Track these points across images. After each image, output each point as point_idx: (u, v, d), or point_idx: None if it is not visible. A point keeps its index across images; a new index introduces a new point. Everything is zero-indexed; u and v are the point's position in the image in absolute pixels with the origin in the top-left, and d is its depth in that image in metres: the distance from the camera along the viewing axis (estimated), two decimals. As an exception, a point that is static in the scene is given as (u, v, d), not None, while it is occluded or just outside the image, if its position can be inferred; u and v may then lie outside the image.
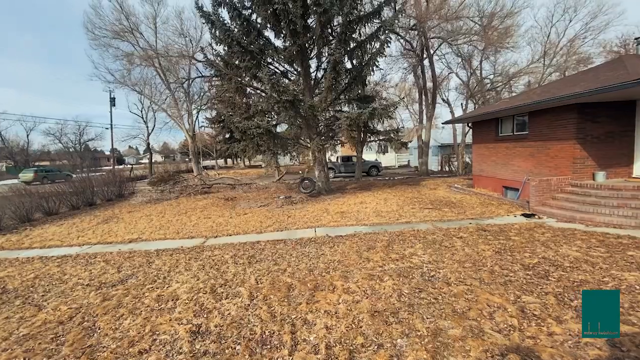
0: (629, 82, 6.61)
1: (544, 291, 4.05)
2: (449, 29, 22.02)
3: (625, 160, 8.66)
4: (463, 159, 23.35)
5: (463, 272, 4.79)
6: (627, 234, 6.07)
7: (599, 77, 8.56)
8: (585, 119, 8.51)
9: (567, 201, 8.05)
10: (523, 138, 10.70)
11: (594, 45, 26.69)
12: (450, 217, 8.63)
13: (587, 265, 4.75)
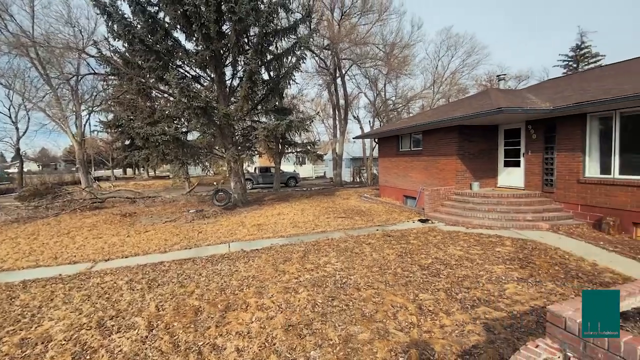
0: (492, 110, 8.22)
1: (436, 288, 4.61)
2: (358, 53, 24.14)
3: (492, 172, 10.68)
4: (371, 170, 25.48)
5: (371, 276, 5.13)
6: (495, 234, 7.43)
7: (473, 105, 10.42)
8: (464, 139, 10.23)
9: (453, 207, 9.48)
10: (419, 153, 12.26)
11: (469, 78, 32.62)
12: (361, 225, 9.24)
13: (467, 262, 5.62)
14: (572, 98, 8.16)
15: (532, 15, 50.77)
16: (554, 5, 48.17)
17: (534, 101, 8.98)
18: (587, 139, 7.97)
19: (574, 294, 4.17)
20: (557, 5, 47.71)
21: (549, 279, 4.70)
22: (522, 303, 3.99)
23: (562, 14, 46.64)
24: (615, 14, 43.19)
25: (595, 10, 45.16)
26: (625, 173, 7.27)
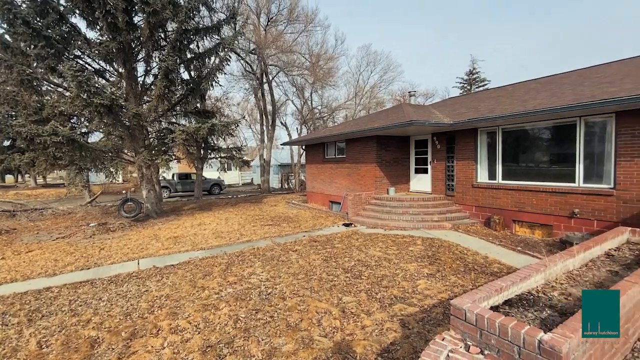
0: (404, 122, 9.07)
1: (358, 289, 4.80)
2: (285, 60, 24.34)
3: (405, 179, 11.76)
4: (299, 177, 25.74)
5: (297, 284, 5.09)
6: (408, 234, 8.15)
7: (389, 117, 11.36)
8: (381, 148, 11.07)
9: (372, 211, 10.12)
10: (343, 160, 12.82)
11: (386, 93, 35.72)
12: (288, 232, 9.18)
13: (386, 262, 6.01)
14: (466, 115, 9.53)
15: (437, 41, 58.59)
16: (452, 35, 56.47)
17: (438, 116, 10.22)
18: (479, 150, 9.37)
19: (471, 284, 4.79)
20: (454, 35, 56.06)
21: (452, 272, 5.32)
22: (432, 297, 4.42)
23: (457, 44, 55.03)
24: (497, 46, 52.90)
25: (483, 42, 54.34)
26: (506, 179, 8.76)
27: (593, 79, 8.52)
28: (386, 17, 58.22)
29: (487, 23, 55.00)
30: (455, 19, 56.31)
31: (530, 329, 1.76)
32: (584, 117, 7.18)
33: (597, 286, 2.71)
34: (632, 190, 6.40)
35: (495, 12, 53.82)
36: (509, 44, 52.88)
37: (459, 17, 56.31)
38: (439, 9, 56.93)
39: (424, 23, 58.45)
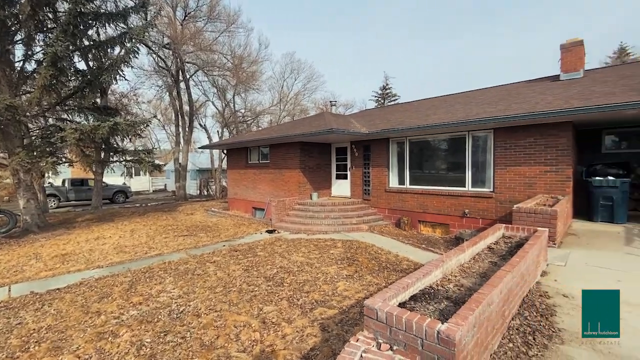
0: (325, 129, 9.41)
1: (280, 297, 4.72)
2: (204, 59, 22.97)
3: (327, 184, 12.18)
4: (220, 182, 24.46)
5: (214, 298, 4.75)
6: (330, 237, 8.41)
7: (312, 124, 11.65)
8: (304, 154, 11.26)
9: (296, 216, 10.19)
10: (266, 166, 12.64)
11: (310, 101, 36.74)
12: (206, 242, 8.58)
13: (308, 267, 6.07)
14: (380, 126, 10.37)
15: (356, 56, 62.91)
16: (369, 51, 61.43)
17: (356, 126, 10.89)
18: (390, 158, 10.28)
19: (385, 282, 5.16)
20: (371, 51, 61.08)
21: (368, 272, 5.66)
22: (350, 298, 4.61)
23: (374, 60, 60.15)
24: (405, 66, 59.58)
25: (395, 60, 60.47)
26: (413, 184, 9.78)
27: (477, 100, 10.17)
28: (309, 27, 60.19)
29: (397, 45, 61.37)
30: (370, 37, 61.36)
31: (431, 321, 1.94)
32: (471, 132, 8.50)
33: (482, 276, 3.17)
34: (505, 193, 7.80)
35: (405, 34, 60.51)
36: (418, 62, 59.97)
37: (373, 38, 61.54)
38: (357, 25, 61.31)
39: (344, 37, 62.24)
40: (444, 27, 56.70)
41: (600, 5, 43.63)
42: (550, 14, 47.95)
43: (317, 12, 57.70)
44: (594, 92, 7.31)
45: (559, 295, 3.55)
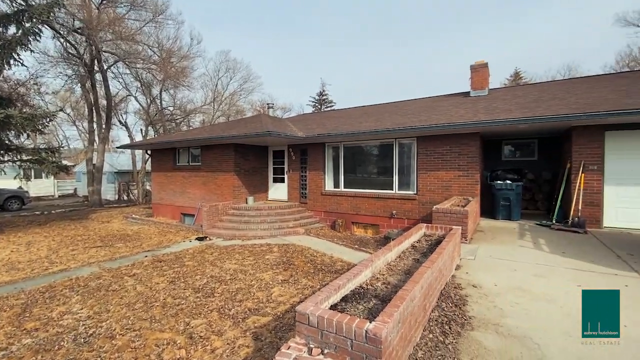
0: (262, 132, 9.23)
1: (209, 309, 4.43)
2: (126, 49, 20.69)
3: (264, 187, 11.95)
4: (143, 186, 22.26)
5: (133, 315, 4.26)
6: (266, 242, 8.24)
7: (248, 126, 11.32)
8: (240, 156, 10.88)
9: (230, 222, 9.76)
10: (197, 168, 11.87)
11: (246, 102, 35.74)
12: (124, 253, 7.68)
13: (241, 274, 5.84)
14: (316, 130, 10.57)
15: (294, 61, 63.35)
16: (307, 56, 62.47)
17: (293, 129, 10.92)
18: (326, 162, 10.54)
19: (319, 284, 5.22)
20: (310, 57, 62.16)
21: (303, 275, 5.67)
22: (285, 303, 4.55)
23: (312, 65, 61.32)
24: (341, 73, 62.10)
25: (332, 67, 62.50)
26: (347, 187, 10.17)
27: (404, 110, 11.05)
28: (247, 28, 58.76)
29: (334, 52, 63.62)
30: (309, 42, 62.53)
31: (360, 321, 2.00)
32: (398, 139, 9.18)
33: (406, 273, 3.41)
34: (426, 195, 8.58)
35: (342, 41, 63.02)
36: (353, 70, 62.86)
37: (312, 44, 62.86)
38: (297, 30, 61.88)
39: (282, 40, 62.21)
40: (381, 38, 60.59)
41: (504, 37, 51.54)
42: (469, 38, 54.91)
43: (255, 13, 56.74)
44: (496, 108, 8.52)
45: (469, 286, 4.00)
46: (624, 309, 3.18)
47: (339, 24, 59.66)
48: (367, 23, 59.31)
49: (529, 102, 8.47)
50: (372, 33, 59.50)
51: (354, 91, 56.70)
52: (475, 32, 54.12)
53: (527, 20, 48.72)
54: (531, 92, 9.93)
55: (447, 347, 2.61)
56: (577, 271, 4.34)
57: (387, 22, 58.63)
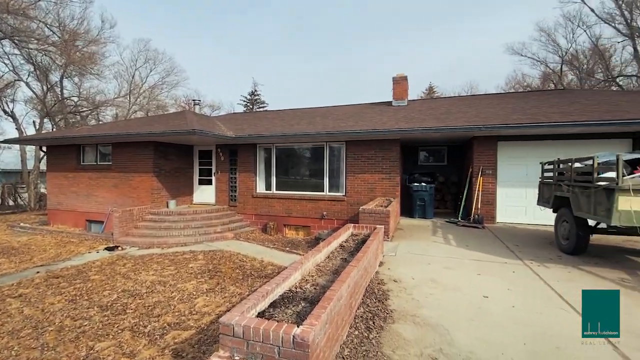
0: (187, 130, 8.58)
1: (120, 328, 3.92)
2: (14, 25, 17.19)
3: (188, 190, 11.12)
4: (37, 189, 18.78)
5: (17, 345, 3.52)
6: (190, 250, 7.65)
7: (170, 123, 10.40)
8: (160, 156, 9.93)
9: (147, 228, 8.82)
10: (107, 168, 10.47)
11: (169, 97, 32.82)
12: (8, 269, 6.35)
13: (160, 286, 5.31)
14: (247, 131, 10.27)
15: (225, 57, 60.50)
16: (240, 54, 60.28)
17: (222, 128, 10.40)
18: (258, 164, 10.31)
19: (248, 290, 5.05)
20: (242, 55, 60.07)
21: (231, 283, 5.42)
22: (210, 313, 4.27)
23: (245, 64, 59.37)
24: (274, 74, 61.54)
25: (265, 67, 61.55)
26: (279, 189, 10.09)
27: (334, 115, 11.45)
28: (171, 18, 54.10)
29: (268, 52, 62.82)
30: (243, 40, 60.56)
31: (287, 326, 1.97)
32: (329, 143, 9.47)
33: (334, 273, 3.50)
34: (354, 197, 9.02)
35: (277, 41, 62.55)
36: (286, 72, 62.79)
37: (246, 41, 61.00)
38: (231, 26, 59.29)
39: (212, 35, 58.95)
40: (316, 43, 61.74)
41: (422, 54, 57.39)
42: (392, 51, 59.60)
43: (181, 2, 52.58)
44: (414, 118, 9.40)
45: (391, 281, 4.30)
46: (510, 290, 3.78)
47: (272, 25, 59.18)
48: (301, 25, 60.11)
49: (440, 114, 9.56)
50: (306, 35, 60.46)
51: (287, 94, 56.78)
52: (396, 47, 59.15)
53: (438, 43, 55.28)
54: (442, 105, 11.23)
55: (371, 342, 2.75)
56: (478, 262, 5.02)
57: (320, 26, 60.25)
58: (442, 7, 51.56)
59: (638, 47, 17.84)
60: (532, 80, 26.53)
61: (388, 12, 55.56)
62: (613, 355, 2.49)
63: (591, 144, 7.40)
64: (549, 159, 6.26)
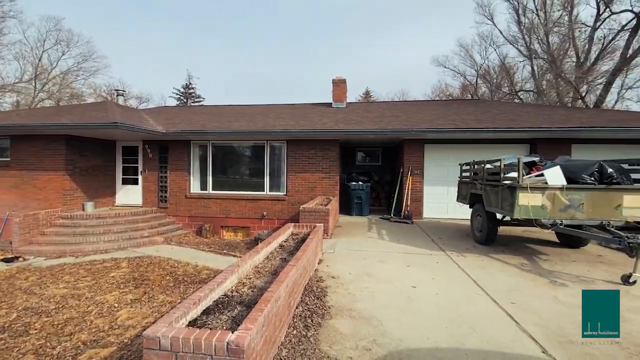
0: (108, 123, 7.68)
1: (21, 353, 3.35)
2: None
3: (110, 190, 9.95)
4: None
5: None
6: (111, 257, 6.85)
7: (87, 114, 9.18)
8: (74, 152, 8.71)
9: (58, 235, 7.67)
10: (5, 166, 8.83)
11: (87, 85, 28.89)
12: None
13: (73, 300, 4.66)
14: (180, 126, 9.57)
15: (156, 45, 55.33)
16: (171, 43, 55.72)
17: (150, 123, 9.53)
18: (192, 162, 9.68)
19: (180, 298, 4.71)
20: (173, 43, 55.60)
21: (161, 291, 5.00)
22: (134, 326, 3.88)
23: (176, 53, 55.06)
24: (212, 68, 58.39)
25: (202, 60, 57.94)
26: (216, 189, 9.63)
27: (275, 113, 11.32)
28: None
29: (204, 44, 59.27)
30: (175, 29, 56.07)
31: (221, 333, 1.88)
32: (270, 141, 9.33)
33: (273, 274, 3.46)
34: (295, 196, 9.04)
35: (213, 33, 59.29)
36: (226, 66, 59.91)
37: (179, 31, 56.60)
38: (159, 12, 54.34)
39: (142, 20, 53.40)
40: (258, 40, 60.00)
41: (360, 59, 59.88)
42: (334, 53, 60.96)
43: (100, -22, 46.55)
44: (352, 120, 9.78)
45: (329, 278, 4.41)
46: (434, 279, 4.17)
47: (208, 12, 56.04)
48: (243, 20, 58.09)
49: (376, 117, 10.11)
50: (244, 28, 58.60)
51: (226, 91, 54.35)
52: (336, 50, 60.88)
53: (375, 51, 58.49)
54: (377, 109, 11.89)
55: (309, 340, 2.78)
56: (407, 254, 5.44)
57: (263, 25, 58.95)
58: (381, 18, 54.72)
59: (535, 67, 21.17)
60: (454, 90, 29.67)
61: (329, 15, 56.93)
62: (515, 330, 2.91)
63: (499, 148, 8.54)
64: (466, 161, 7.05)
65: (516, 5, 20.62)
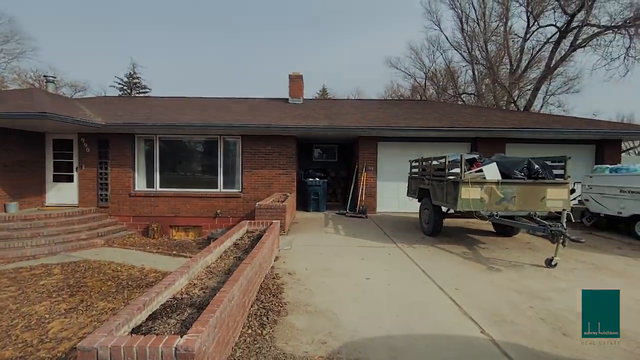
0: (33, 113, 6.80)
1: None
2: None
3: (38, 189, 8.84)
4: None
5: None
6: (40, 263, 6.11)
7: (10, 103, 8.03)
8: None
9: (-28, 241, 6.64)
10: None
11: (9, 70, 25.21)
12: None
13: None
14: (123, 118, 8.81)
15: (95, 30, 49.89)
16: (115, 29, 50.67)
17: (87, 114, 8.63)
18: (137, 157, 8.98)
19: (123, 304, 4.36)
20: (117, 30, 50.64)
21: (101, 298, 4.58)
22: (69, 338, 3.51)
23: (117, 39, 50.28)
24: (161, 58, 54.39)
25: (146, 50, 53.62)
26: (164, 186, 9.04)
27: (230, 107, 10.92)
28: (6, -37, 41.35)
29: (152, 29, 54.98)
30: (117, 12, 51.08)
31: (169, 338, 1.77)
32: (224, 136, 8.99)
33: (227, 273, 3.34)
34: (251, 193, 8.84)
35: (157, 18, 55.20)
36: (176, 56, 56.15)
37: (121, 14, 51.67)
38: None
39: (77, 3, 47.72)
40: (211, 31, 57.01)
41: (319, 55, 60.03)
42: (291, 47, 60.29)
43: (22, -53, 40.71)
44: (309, 116, 9.79)
45: (286, 274, 4.39)
46: (387, 270, 4.36)
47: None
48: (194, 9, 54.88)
49: (333, 114, 10.23)
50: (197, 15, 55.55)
51: (176, 82, 51.14)
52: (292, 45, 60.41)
53: (333, 50, 59.13)
54: (334, 105, 12.04)
55: (264, 338, 2.74)
56: (362, 248, 5.61)
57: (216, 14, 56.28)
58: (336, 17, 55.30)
59: (475, 72, 23.01)
60: (405, 91, 31.11)
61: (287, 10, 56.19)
62: (458, 314, 3.15)
63: (445, 146, 9.16)
64: (415, 158, 7.44)
65: (460, 13, 22.19)
